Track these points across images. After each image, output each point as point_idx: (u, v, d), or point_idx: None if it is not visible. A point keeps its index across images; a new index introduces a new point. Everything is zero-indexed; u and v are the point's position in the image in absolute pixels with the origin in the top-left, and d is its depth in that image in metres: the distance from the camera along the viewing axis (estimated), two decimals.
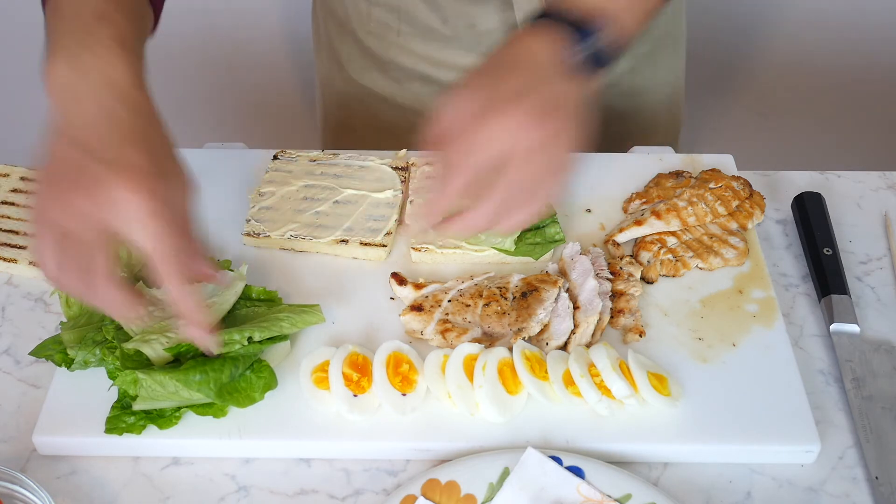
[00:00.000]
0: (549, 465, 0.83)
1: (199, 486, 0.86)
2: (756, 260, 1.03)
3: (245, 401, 0.87)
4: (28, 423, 0.89)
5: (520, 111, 0.80)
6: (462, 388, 0.88)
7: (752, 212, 1.06)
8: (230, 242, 1.05)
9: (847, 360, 0.94)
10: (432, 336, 0.94)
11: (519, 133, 0.80)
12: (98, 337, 0.89)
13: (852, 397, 0.92)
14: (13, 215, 1.08)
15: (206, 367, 0.84)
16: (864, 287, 1.03)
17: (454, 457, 0.86)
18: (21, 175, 1.13)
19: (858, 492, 0.85)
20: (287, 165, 1.11)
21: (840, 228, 1.09)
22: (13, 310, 1.00)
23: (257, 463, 0.87)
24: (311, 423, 0.88)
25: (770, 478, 0.87)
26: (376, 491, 0.85)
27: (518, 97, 0.81)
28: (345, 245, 1.03)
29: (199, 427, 0.87)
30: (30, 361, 0.95)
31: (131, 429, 0.86)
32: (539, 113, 0.81)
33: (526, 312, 0.94)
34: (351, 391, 0.88)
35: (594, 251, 1.02)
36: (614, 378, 0.87)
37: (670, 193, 1.07)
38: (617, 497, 0.81)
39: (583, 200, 1.11)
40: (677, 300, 0.99)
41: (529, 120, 0.80)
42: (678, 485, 0.86)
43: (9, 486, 0.81)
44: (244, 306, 0.94)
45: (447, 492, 0.82)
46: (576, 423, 0.87)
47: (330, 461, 0.88)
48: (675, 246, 1.03)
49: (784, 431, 0.87)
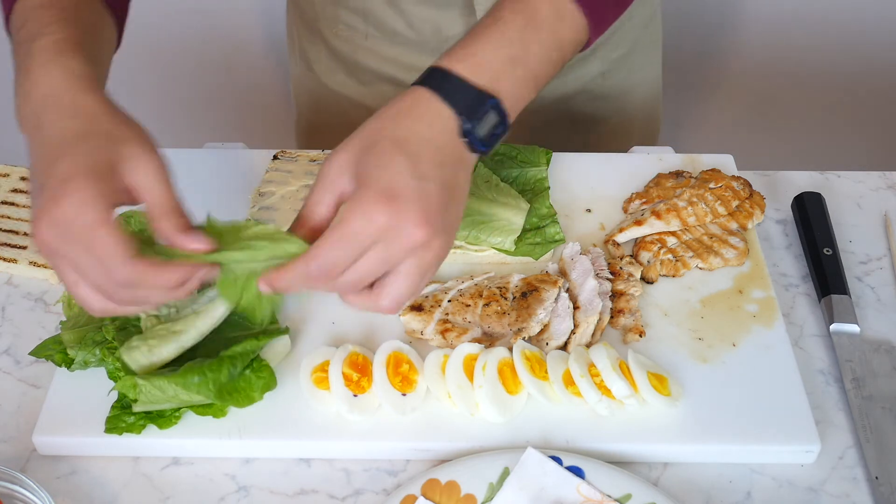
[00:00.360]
0: (549, 465, 0.83)
1: (199, 486, 0.86)
2: (756, 260, 1.03)
3: (244, 401, 0.87)
4: (28, 423, 0.89)
5: (410, 204, 0.74)
6: (462, 388, 0.88)
7: (752, 212, 1.06)
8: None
9: (847, 360, 0.95)
10: (432, 336, 0.94)
11: (404, 230, 0.74)
12: (98, 337, 0.89)
13: (852, 397, 0.92)
14: (13, 215, 1.08)
15: (204, 368, 0.84)
16: (864, 287, 1.03)
17: (454, 457, 0.86)
18: (21, 175, 1.13)
19: (858, 492, 0.85)
20: (287, 165, 1.11)
21: (840, 228, 1.09)
22: (13, 310, 1.00)
23: (257, 463, 0.87)
24: (311, 423, 0.88)
25: (770, 478, 0.87)
26: (376, 491, 0.85)
27: (409, 188, 0.74)
28: None
29: (199, 427, 0.87)
30: (30, 361, 0.95)
31: (131, 429, 0.86)
32: (429, 210, 0.75)
33: (526, 312, 0.94)
34: (351, 391, 0.88)
35: (594, 251, 1.02)
36: (614, 378, 0.87)
37: (670, 193, 1.07)
38: (617, 497, 0.81)
39: (583, 200, 1.11)
40: (677, 300, 0.99)
41: (416, 218, 0.74)
42: (678, 485, 0.86)
43: (9, 486, 0.81)
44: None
45: (447, 492, 0.82)
46: (576, 423, 0.87)
47: (330, 461, 0.88)
48: (675, 246, 1.03)
49: (784, 431, 0.87)
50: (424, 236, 0.75)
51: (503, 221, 1.01)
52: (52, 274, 1.02)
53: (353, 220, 0.74)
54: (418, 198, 0.74)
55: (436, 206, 0.75)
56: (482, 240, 1.01)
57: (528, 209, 1.03)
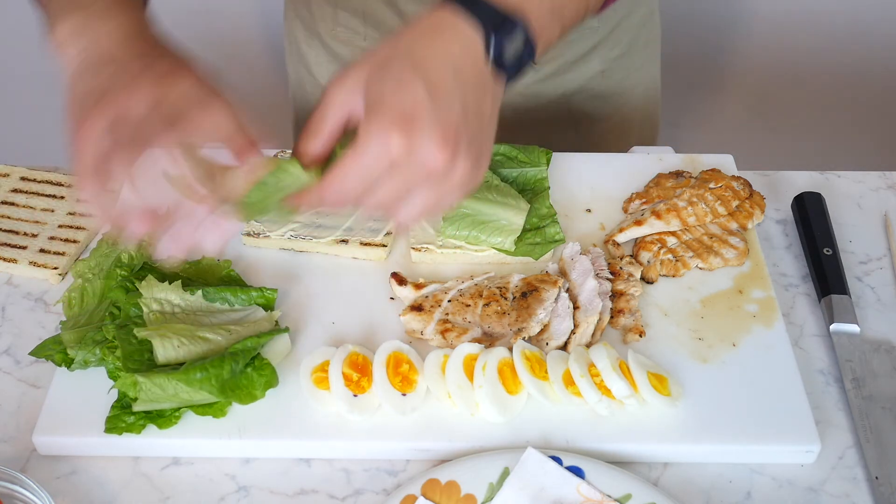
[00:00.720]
0: (549, 465, 0.83)
1: (199, 486, 0.86)
2: (756, 260, 1.03)
3: (247, 398, 0.87)
4: (28, 423, 0.89)
5: (428, 128, 0.70)
6: (462, 388, 0.88)
7: (752, 212, 1.06)
8: (230, 242, 1.05)
9: (847, 360, 0.95)
10: (432, 336, 0.94)
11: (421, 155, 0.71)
12: (98, 336, 0.89)
13: (852, 397, 0.91)
14: (13, 215, 1.08)
15: (207, 365, 0.85)
16: (864, 287, 1.03)
17: (454, 457, 0.86)
18: (21, 175, 1.13)
19: (858, 492, 0.85)
20: None
21: (840, 228, 1.09)
22: (13, 310, 1.00)
23: (257, 463, 0.87)
24: (311, 423, 0.88)
25: (770, 478, 0.87)
26: (376, 491, 0.85)
27: (427, 109, 0.71)
28: (345, 245, 1.03)
29: (199, 427, 0.87)
30: (30, 361, 0.95)
31: (131, 428, 0.86)
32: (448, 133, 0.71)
33: (526, 312, 0.94)
34: (351, 391, 0.88)
35: (594, 251, 1.02)
36: (614, 378, 0.87)
37: (670, 193, 1.07)
38: (617, 497, 0.81)
39: (583, 200, 1.11)
40: (677, 300, 0.99)
41: (435, 142, 0.70)
42: (678, 485, 0.86)
43: (9, 486, 0.81)
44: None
45: (447, 492, 0.82)
46: (576, 423, 0.87)
47: (330, 461, 0.88)
48: (675, 246, 1.03)
49: (784, 431, 0.87)
50: (444, 160, 0.71)
51: (503, 221, 1.01)
52: (53, 274, 1.02)
53: (369, 145, 0.70)
54: (437, 120, 0.70)
55: (457, 129, 0.72)
56: (482, 240, 1.01)
57: (528, 209, 1.03)
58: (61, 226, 1.07)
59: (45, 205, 1.10)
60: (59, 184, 1.12)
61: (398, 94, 0.71)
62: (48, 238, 1.06)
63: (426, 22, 0.76)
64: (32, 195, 1.11)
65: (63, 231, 1.07)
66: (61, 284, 1.02)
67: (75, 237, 1.06)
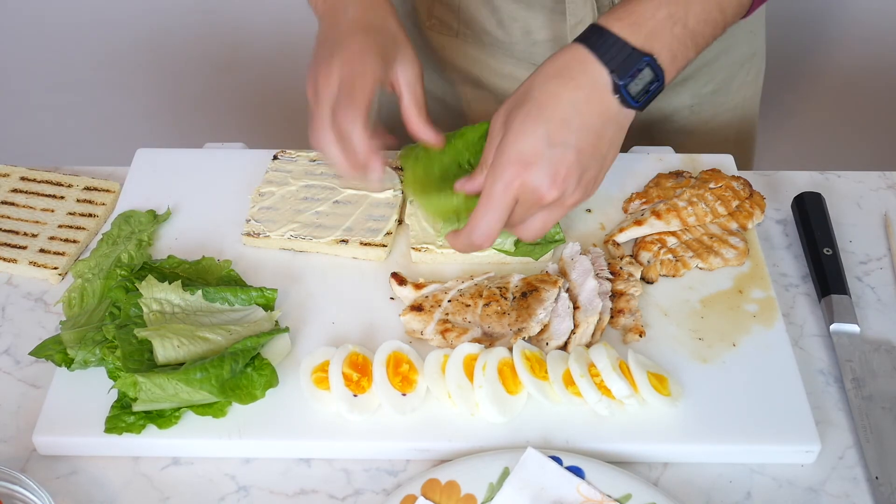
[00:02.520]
0: (549, 465, 0.83)
1: (199, 486, 0.86)
2: (756, 260, 1.03)
3: (247, 398, 0.87)
4: (28, 423, 0.89)
5: (541, 171, 0.84)
6: (462, 388, 0.88)
7: (752, 212, 1.06)
8: (230, 242, 1.05)
9: (847, 360, 0.94)
10: (432, 336, 0.94)
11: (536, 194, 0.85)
12: (98, 337, 0.89)
13: (852, 397, 0.91)
14: (13, 215, 1.08)
15: (207, 365, 0.85)
16: (864, 287, 1.03)
17: (454, 457, 0.86)
18: (21, 175, 1.13)
19: (858, 492, 0.85)
20: (287, 165, 1.11)
21: (840, 228, 1.09)
22: (13, 310, 1.00)
23: (257, 463, 0.87)
24: (311, 423, 0.88)
25: (770, 478, 0.87)
26: (376, 491, 0.85)
27: (542, 156, 0.84)
28: (345, 245, 1.03)
29: (199, 427, 0.87)
30: (30, 361, 0.95)
31: (131, 428, 0.86)
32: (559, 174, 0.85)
33: (526, 312, 0.94)
34: (351, 391, 0.88)
35: (594, 251, 1.02)
36: (614, 378, 0.87)
37: (670, 193, 1.07)
38: (617, 497, 0.81)
39: None
40: (677, 300, 0.99)
41: (547, 183, 0.84)
42: (678, 485, 0.86)
43: (9, 486, 0.81)
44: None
45: (447, 492, 0.82)
46: (576, 423, 0.87)
47: (330, 461, 0.88)
48: (675, 246, 1.03)
49: (784, 431, 0.87)
50: (555, 196, 0.85)
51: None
52: (52, 274, 1.02)
53: (494, 187, 0.85)
54: (549, 164, 0.84)
55: (568, 169, 0.85)
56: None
57: None
58: (61, 226, 1.07)
59: (45, 205, 1.10)
60: (59, 184, 1.12)
61: (521, 137, 0.84)
62: (48, 238, 1.06)
63: (558, 63, 0.86)
64: (32, 195, 1.11)
65: (63, 231, 1.07)
66: (61, 284, 1.02)
67: (75, 237, 1.06)
